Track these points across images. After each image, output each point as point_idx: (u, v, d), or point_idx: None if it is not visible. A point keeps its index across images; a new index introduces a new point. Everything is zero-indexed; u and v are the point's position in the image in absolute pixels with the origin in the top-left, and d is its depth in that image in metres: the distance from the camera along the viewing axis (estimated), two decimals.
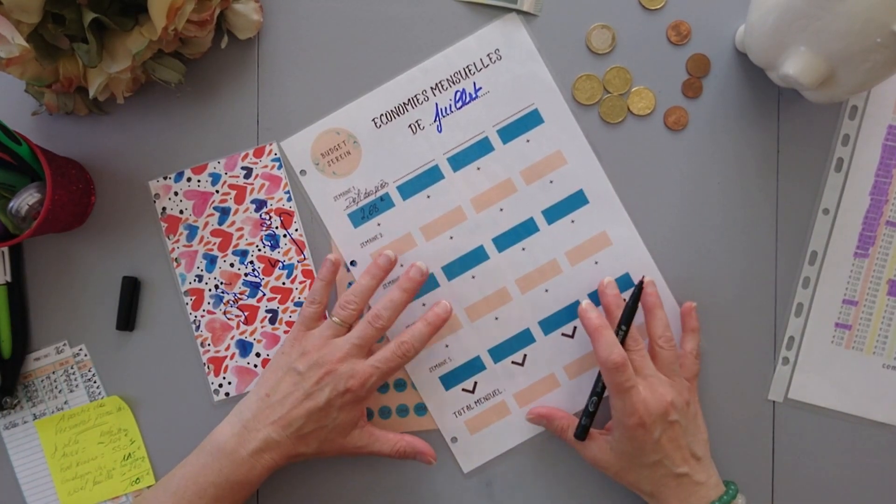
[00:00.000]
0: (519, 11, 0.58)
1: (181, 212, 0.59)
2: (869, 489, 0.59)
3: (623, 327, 0.54)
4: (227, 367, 0.59)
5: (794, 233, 0.59)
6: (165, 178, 0.59)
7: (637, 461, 0.52)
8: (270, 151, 0.59)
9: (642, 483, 0.53)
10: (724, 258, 0.58)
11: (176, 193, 0.59)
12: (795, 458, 0.59)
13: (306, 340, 0.54)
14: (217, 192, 0.59)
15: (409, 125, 0.59)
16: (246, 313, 0.59)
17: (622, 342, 0.54)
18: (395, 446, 0.55)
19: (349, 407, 0.53)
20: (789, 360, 0.59)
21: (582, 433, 0.55)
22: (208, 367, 0.59)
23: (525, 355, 0.59)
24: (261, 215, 0.59)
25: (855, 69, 0.47)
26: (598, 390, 0.55)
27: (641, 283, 0.56)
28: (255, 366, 0.59)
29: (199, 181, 0.59)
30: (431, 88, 0.58)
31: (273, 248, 0.59)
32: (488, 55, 0.58)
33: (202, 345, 0.59)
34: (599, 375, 0.55)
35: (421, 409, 0.59)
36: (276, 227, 0.59)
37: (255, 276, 0.59)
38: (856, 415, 0.59)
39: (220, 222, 0.59)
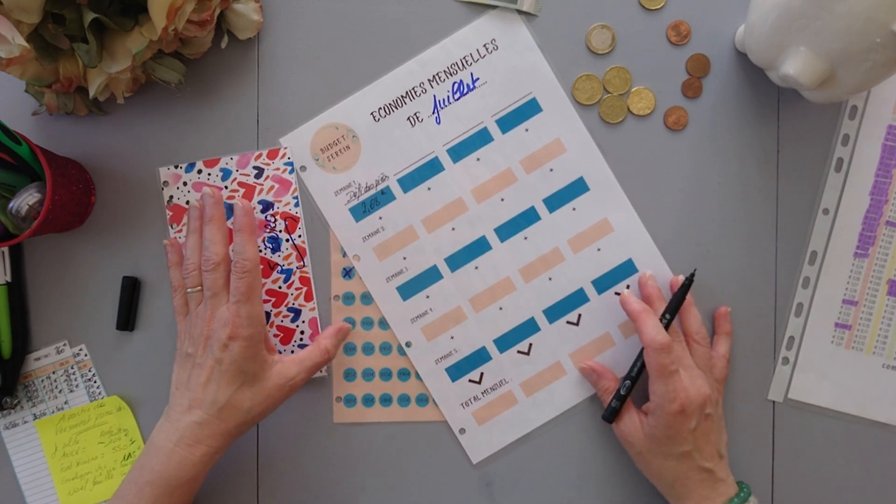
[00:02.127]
0: (519, 11, 0.58)
1: (187, 202, 0.59)
2: (869, 489, 0.59)
3: (668, 315, 0.55)
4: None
5: (794, 233, 0.59)
6: (177, 167, 0.59)
7: (667, 449, 0.52)
8: (284, 154, 0.59)
9: (666, 471, 0.53)
10: (724, 258, 0.58)
11: (185, 184, 0.59)
12: (795, 458, 0.59)
13: (186, 327, 0.54)
14: (226, 187, 0.59)
15: (408, 118, 0.59)
16: None
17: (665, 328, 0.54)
18: (319, 347, 0.55)
19: (246, 351, 0.51)
20: (789, 360, 0.59)
21: (611, 415, 0.55)
22: None
23: (531, 344, 0.59)
24: (266, 217, 0.59)
25: (855, 69, 0.47)
26: (634, 374, 0.55)
27: (692, 275, 0.56)
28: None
29: (209, 174, 0.59)
30: (429, 80, 0.59)
31: (274, 251, 0.59)
32: (485, 45, 0.58)
33: None
34: (637, 360, 0.55)
35: (423, 399, 0.59)
36: (280, 231, 0.59)
37: None
38: (856, 415, 0.59)
39: (226, 218, 0.59)
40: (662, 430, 0.52)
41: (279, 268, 0.59)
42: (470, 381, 0.59)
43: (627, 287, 0.59)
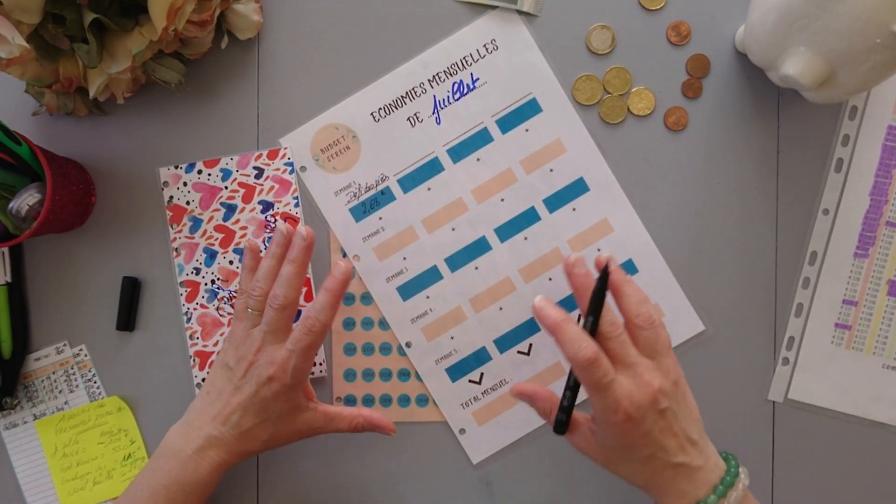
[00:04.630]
0: (519, 11, 0.58)
1: (188, 203, 0.59)
2: (869, 489, 0.59)
3: (590, 317, 0.48)
4: (212, 362, 0.59)
5: (794, 233, 0.59)
6: (177, 168, 0.59)
7: (627, 456, 0.48)
8: (284, 155, 0.59)
9: (635, 476, 0.49)
10: (724, 258, 0.58)
11: (185, 184, 0.59)
12: (795, 458, 0.59)
13: (236, 334, 0.54)
14: (226, 188, 0.59)
15: (408, 118, 0.59)
16: None
17: (592, 332, 0.48)
18: (353, 422, 0.54)
19: (282, 395, 0.51)
20: (789, 360, 0.59)
21: (560, 427, 0.50)
22: (194, 361, 0.59)
23: (531, 345, 0.59)
24: (266, 217, 0.59)
25: (855, 69, 0.47)
26: (571, 384, 0.49)
27: (606, 268, 0.49)
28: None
29: (209, 175, 0.59)
30: (429, 81, 0.59)
31: None
32: (485, 46, 0.58)
33: (191, 337, 0.59)
34: (572, 369, 0.49)
35: (422, 400, 0.59)
36: None
37: None
38: (856, 415, 0.59)
39: (225, 219, 0.59)
40: (615, 440, 0.47)
41: None
42: (470, 381, 0.59)
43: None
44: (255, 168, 0.59)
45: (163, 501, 0.50)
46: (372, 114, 0.59)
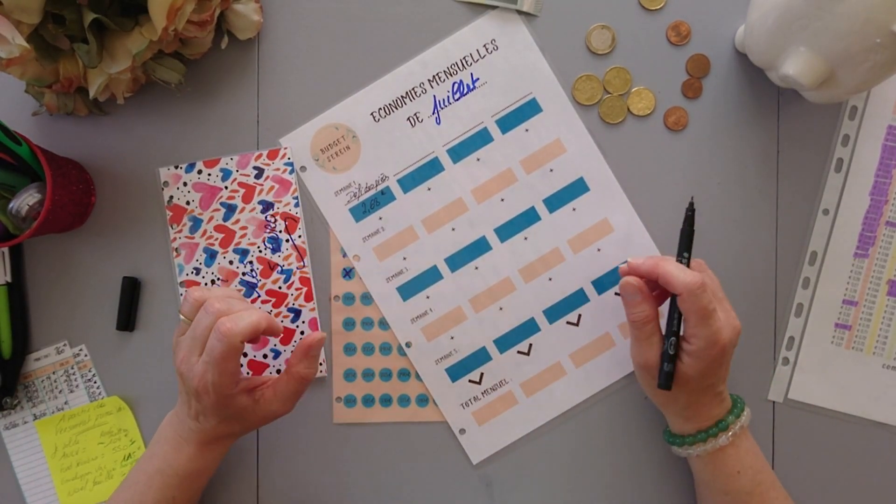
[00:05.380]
0: (519, 11, 0.58)
1: (188, 203, 0.59)
2: (869, 489, 0.59)
3: (685, 254, 0.52)
4: None
5: (794, 233, 0.59)
6: (177, 168, 0.59)
7: (696, 385, 0.51)
8: (284, 155, 0.59)
9: (680, 399, 0.52)
10: (724, 258, 0.58)
11: (185, 184, 0.59)
12: (795, 458, 0.59)
13: (174, 339, 0.52)
14: (226, 188, 0.59)
15: (408, 118, 0.59)
16: None
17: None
18: (294, 377, 0.51)
19: (217, 405, 0.49)
20: (789, 360, 0.59)
21: (667, 382, 0.51)
22: None
23: (531, 345, 0.59)
24: (266, 217, 0.59)
25: (855, 69, 0.47)
26: (676, 328, 0.51)
27: (691, 205, 0.53)
28: (241, 365, 0.59)
29: (209, 175, 0.59)
30: (429, 81, 0.59)
31: (274, 251, 0.59)
32: (484, 46, 0.58)
33: None
34: (672, 312, 0.51)
35: (423, 400, 0.59)
36: (280, 231, 0.59)
37: (253, 277, 0.59)
38: (856, 415, 0.59)
39: (225, 219, 0.59)
40: (699, 370, 0.50)
41: (279, 268, 0.59)
42: (470, 381, 0.59)
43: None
44: (255, 168, 0.59)
45: (157, 486, 0.51)
46: (372, 114, 0.59)
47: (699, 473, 0.54)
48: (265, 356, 0.59)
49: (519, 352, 0.59)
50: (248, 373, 0.59)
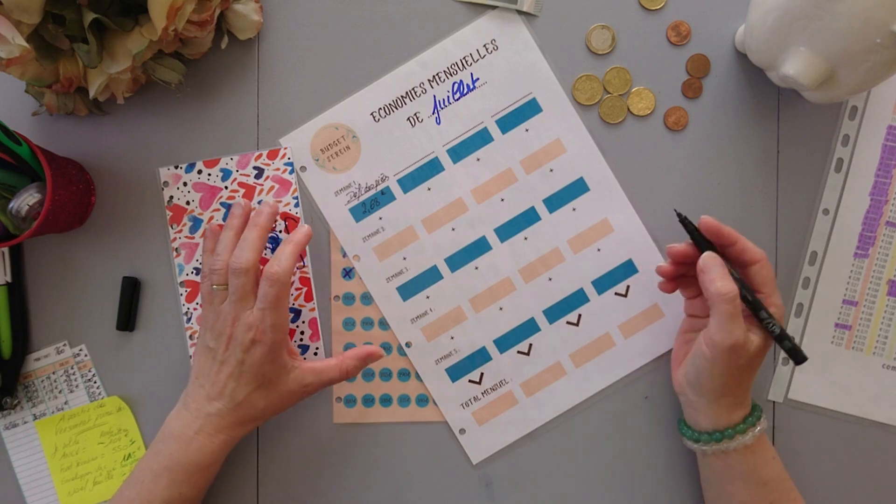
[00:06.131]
0: (519, 11, 0.58)
1: (188, 203, 0.59)
2: (869, 489, 0.59)
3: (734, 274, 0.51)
4: (195, 351, 0.59)
5: (794, 233, 0.59)
6: (177, 168, 0.59)
7: (736, 376, 0.51)
8: (284, 155, 0.59)
9: (718, 379, 0.51)
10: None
11: (185, 184, 0.59)
12: (795, 458, 0.59)
13: (208, 316, 0.54)
14: (226, 188, 0.59)
15: (408, 118, 0.59)
16: None
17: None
18: (342, 367, 0.55)
19: (267, 356, 0.52)
20: (789, 361, 0.59)
21: (802, 356, 0.51)
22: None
23: (531, 344, 0.59)
24: None
25: (855, 69, 0.47)
26: (761, 304, 0.51)
27: (678, 212, 0.53)
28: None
29: (209, 175, 0.59)
30: (429, 81, 0.59)
31: (274, 251, 0.59)
32: (485, 46, 0.58)
33: (191, 337, 0.59)
34: (745, 291, 0.51)
35: (423, 399, 0.59)
36: (280, 231, 0.59)
37: None
38: (856, 415, 0.59)
39: (226, 218, 0.59)
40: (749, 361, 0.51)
41: None
42: (470, 381, 0.59)
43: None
44: (255, 168, 0.59)
45: (165, 483, 0.51)
46: (372, 114, 0.59)
47: (730, 467, 0.53)
48: None
49: (519, 352, 0.59)
50: None
